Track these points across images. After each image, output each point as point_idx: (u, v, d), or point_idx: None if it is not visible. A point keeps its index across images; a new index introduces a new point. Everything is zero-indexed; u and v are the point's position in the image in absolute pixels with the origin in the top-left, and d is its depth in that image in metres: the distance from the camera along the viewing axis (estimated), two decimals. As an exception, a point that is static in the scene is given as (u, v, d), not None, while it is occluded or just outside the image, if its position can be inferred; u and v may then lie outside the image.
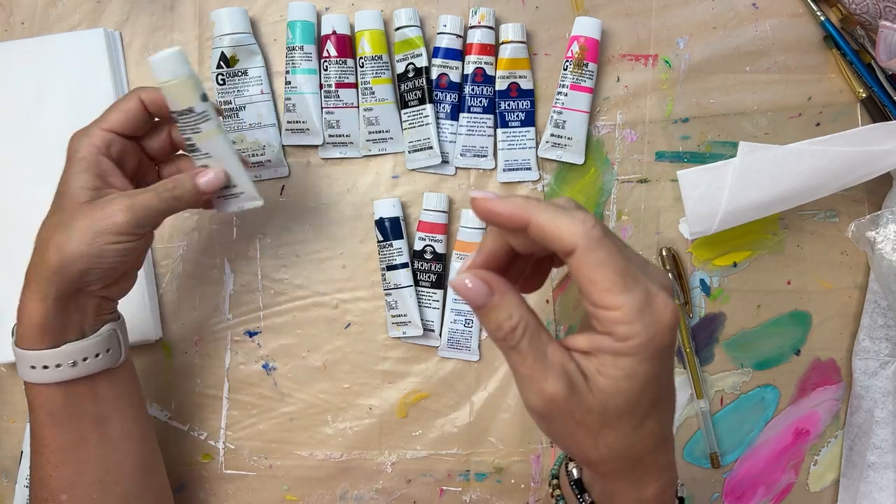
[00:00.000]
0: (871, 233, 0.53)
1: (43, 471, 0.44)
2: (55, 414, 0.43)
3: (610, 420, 0.30)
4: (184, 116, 0.43)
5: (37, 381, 0.42)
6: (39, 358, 0.42)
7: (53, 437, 0.43)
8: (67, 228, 0.41)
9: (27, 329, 0.42)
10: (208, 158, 0.44)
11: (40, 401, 0.43)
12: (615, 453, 0.31)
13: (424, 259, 0.56)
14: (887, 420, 0.54)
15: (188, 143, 0.44)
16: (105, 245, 0.41)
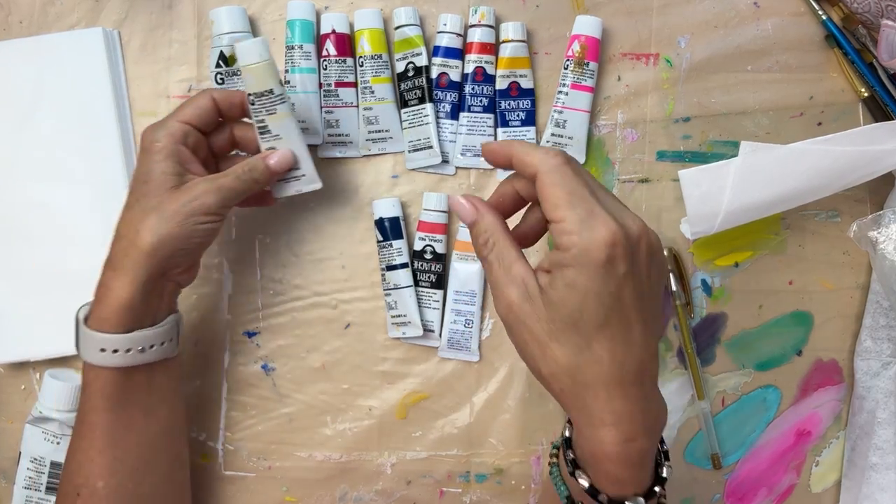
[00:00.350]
0: (873, 233, 0.53)
1: (84, 455, 0.44)
2: (110, 398, 0.44)
3: (555, 332, 0.34)
4: (262, 98, 0.47)
5: (102, 364, 0.43)
6: (113, 341, 0.43)
7: (103, 422, 0.44)
8: (159, 212, 0.43)
9: (109, 311, 0.43)
10: (277, 140, 0.48)
11: (99, 384, 0.44)
12: (561, 369, 0.34)
13: (424, 259, 0.56)
14: (889, 421, 0.54)
15: (260, 124, 0.48)
16: (195, 226, 0.44)
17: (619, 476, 0.35)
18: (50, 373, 0.55)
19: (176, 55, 0.57)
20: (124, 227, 0.44)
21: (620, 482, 0.36)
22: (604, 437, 0.34)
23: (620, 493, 0.36)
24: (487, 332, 0.57)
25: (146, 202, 0.44)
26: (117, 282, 0.43)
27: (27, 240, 0.56)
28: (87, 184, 0.56)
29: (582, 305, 0.33)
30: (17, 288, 0.56)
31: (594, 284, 0.33)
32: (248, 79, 0.47)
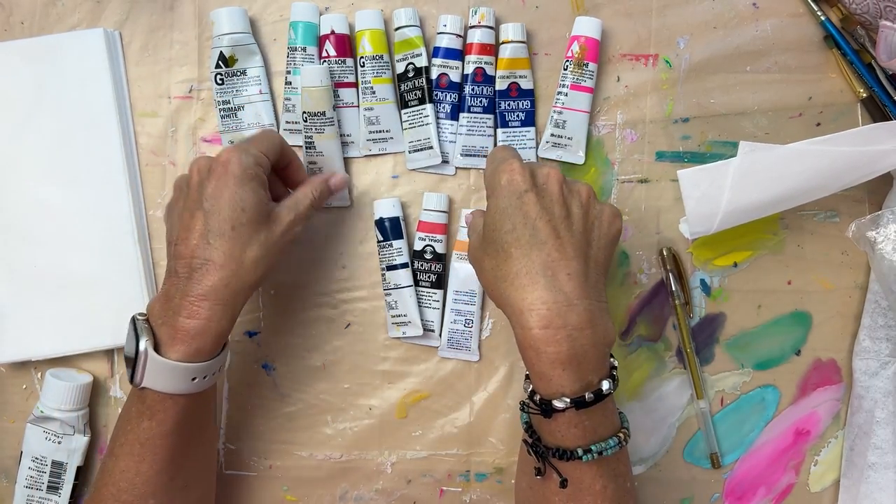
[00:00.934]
0: (871, 233, 0.53)
1: (140, 476, 0.43)
2: (181, 422, 0.44)
3: (485, 247, 0.43)
4: (314, 118, 0.53)
5: (187, 392, 0.43)
6: (204, 369, 0.43)
7: (170, 445, 0.44)
8: (261, 244, 0.44)
9: (209, 342, 0.42)
10: (320, 157, 0.54)
11: (175, 410, 0.43)
12: (488, 273, 0.43)
13: (424, 259, 0.56)
14: (888, 420, 0.54)
15: (308, 140, 0.54)
16: (283, 255, 0.47)
17: (542, 371, 0.39)
18: (51, 372, 0.55)
19: (177, 56, 0.58)
20: (221, 256, 0.43)
21: (546, 378, 0.39)
22: (523, 322, 0.40)
23: (548, 392, 0.40)
24: (487, 331, 0.57)
25: (244, 232, 0.43)
26: (220, 316, 0.42)
27: (28, 240, 0.56)
28: (88, 184, 0.56)
29: (495, 220, 0.42)
30: (18, 288, 0.56)
31: (501, 202, 0.42)
32: (305, 99, 0.52)
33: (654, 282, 0.57)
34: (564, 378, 0.39)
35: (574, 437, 0.40)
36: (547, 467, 0.41)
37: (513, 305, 0.40)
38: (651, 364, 0.57)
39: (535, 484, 0.43)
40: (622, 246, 0.57)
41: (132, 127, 0.58)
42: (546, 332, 0.39)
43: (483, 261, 0.43)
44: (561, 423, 0.40)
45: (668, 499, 0.57)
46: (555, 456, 0.40)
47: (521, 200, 0.41)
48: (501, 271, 0.41)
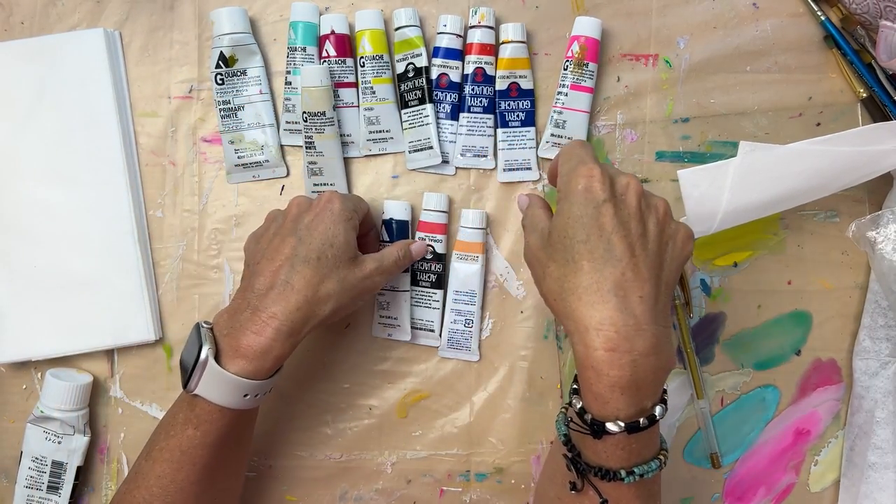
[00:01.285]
0: (871, 233, 0.53)
1: (176, 485, 0.44)
2: (225, 436, 0.44)
3: (552, 253, 0.41)
4: (315, 118, 0.53)
5: (238, 407, 0.43)
6: (259, 387, 0.44)
7: (210, 457, 0.44)
8: (341, 281, 0.46)
9: (271, 361, 0.43)
10: (320, 157, 0.54)
11: (223, 423, 0.44)
12: (553, 281, 0.40)
13: (425, 259, 0.56)
14: (888, 420, 0.54)
15: (308, 139, 0.54)
16: (361, 300, 0.49)
17: (599, 392, 0.37)
18: (51, 372, 0.55)
19: (177, 56, 0.58)
20: (302, 282, 0.44)
21: (602, 400, 0.38)
22: (587, 341, 0.37)
23: (602, 413, 0.38)
24: (487, 331, 0.57)
25: (328, 264, 0.45)
26: (286, 338, 0.43)
27: (28, 240, 0.56)
28: (87, 184, 0.56)
29: (567, 226, 0.40)
30: (18, 288, 0.56)
31: (576, 209, 0.40)
32: (305, 99, 0.53)
33: (654, 282, 0.57)
34: (622, 402, 0.37)
35: (619, 458, 0.39)
36: (585, 484, 0.40)
37: (578, 321, 0.38)
38: (651, 364, 0.57)
39: (566, 497, 0.42)
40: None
41: (132, 127, 0.58)
42: (612, 355, 0.37)
43: (548, 266, 0.41)
44: (608, 445, 0.39)
45: (668, 499, 0.57)
46: (596, 475, 0.39)
47: (599, 211, 0.39)
48: (570, 283, 0.39)
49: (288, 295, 0.44)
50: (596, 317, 0.37)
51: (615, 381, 0.37)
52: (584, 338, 0.38)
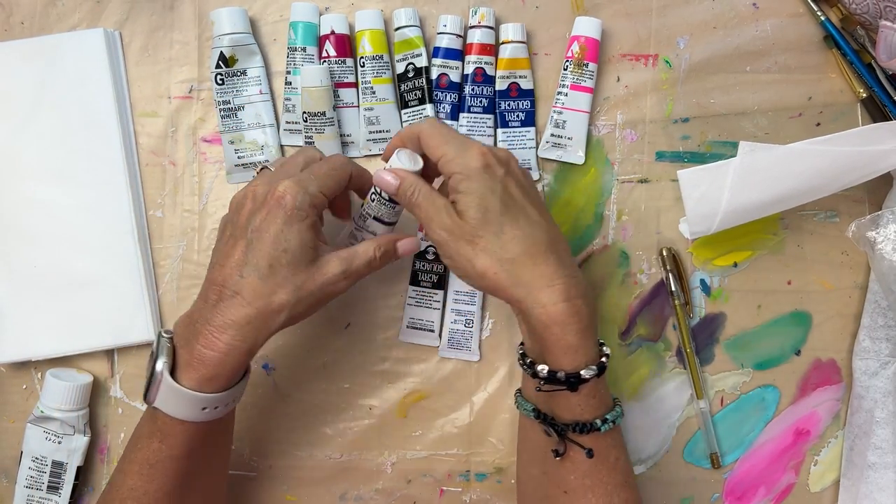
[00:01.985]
0: (871, 233, 0.53)
1: (150, 497, 0.43)
2: (192, 447, 0.43)
3: (476, 230, 0.42)
4: (315, 118, 0.53)
5: (197, 420, 0.42)
6: (216, 400, 0.42)
7: (180, 468, 0.43)
8: (296, 290, 0.42)
9: (223, 375, 0.41)
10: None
11: (186, 436, 0.42)
12: (492, 255, 0.42)
13: (426, 259, 0.56)
14: (888, 420, 0.54)
15: (308, 140, 0.54)
16: (321, 305, 0.45)
17: (569, 342, 0.41)
18: (51, 372, 0.55)
19: (177, 56, 0.58)
20: (251, 293, 0.41)
21: (573, 350, 0.41)
22: (545, 299, 0.41)
23: (574, 364, 0.41)
24: (487, 331, 0.57)
25: (281, 273, 0.41)
26: (236, 348, 0.41)
27: (28, 240, 0.56)
28: (88, 184, 0.56)
29: (481, 202, 0.42)
30: (18, 288, 0.56)
31: (482, 184, 0.42)
32: (305, 99, 0.53)
33: (654, 282, 0.57)
34: (588, 346, 0.41)
35: (592, 408, 0.42)
36: (567, 445, 0.42)
37: (528, 284, 0.41)
38: (651, 364, 0.57)
39: (550, 468, 0.44)
40: (622, 246, 0.57)
41: (132, 127, 0.58)
42: (567, 304, 0.41)
43: (476, 244, 0.42)
44: (582, 396, 0.42)
45: (668, 499, 0.57)
46: (574, 431, 0.42)
47: (504, 185, 0.43)
48: (507, 253, 0.42)
49: (238, 308, 0.41)
50: (546, 274, 0.41)
51: (578, 328, 0.41)
52: (539, 298, 0.41)
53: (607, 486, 0.42)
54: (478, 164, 0.43)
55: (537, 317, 0.41)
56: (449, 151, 0.43)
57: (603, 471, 0.42)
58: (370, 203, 0.48)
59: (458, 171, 0.43)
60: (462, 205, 0.43)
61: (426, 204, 0.44)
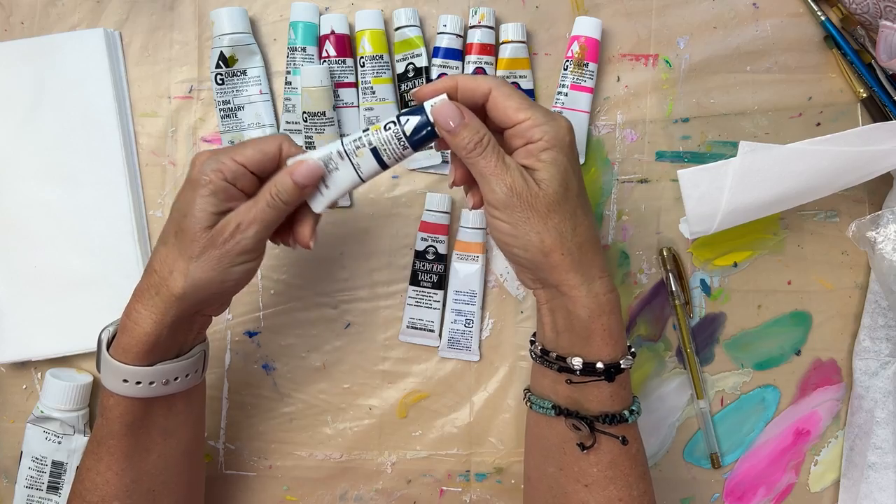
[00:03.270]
0: (871, 233, 0.53)
1: (101, 477, 0.44)
2: (131, 425, 0.43)
3: (552, 204, 0.40)
4: (315, 118, 0.53)
5: (123, 394, 0.42)
6: (136, 374, 0.42)
7: (123, 447, 0.43)
8: (195, 256, 0.40)
9: (134, 344, 0.41)
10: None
11: (120, 411, 0.43)
12: (562, 236, 0.40)
13: (427, 259, 0.56)
14: (888, 420, 0.54)
15: (308, 140, 0.54)
16: (231, 267, 0.41)
17: (614, 332, 0.41)
18: (51, 372, 0.55)
19: (177, 56, 0.58)
20: (158, 262, 0.41)
21: (614, 339, 0.41)
22: (598, 288, 0.41)
23: (614, 354, 0.41)
24: (487, 331, 0.57)
25: (181, 240, 0.41)
26: (145, 317, 0.41)
27: (28, 240, 0.56)
28: (88, 184, 0.56)
29: (565, 178, 0.40)
30: (18, 288, 0.56)
31: (569, 161, 0.40)
32: (305, 99, 0.52)
33: (654, 282, 0.57)
34: (624, 337, 0.42)
35: (622, 398, 0.42)
36: (597, 438, 0.42)
37: (587, 273, 0.41)
38: (651, 364, 0.57)
39: (568, 463, 0.43)
40: (622, 246, 0.57)
41: (132, 127, 0.58)
42: (615, 294, 0.42)
43: (549, 217, 0.40)
44: (616, 386, 0.42)
45: (668, 499, 0.57)
46: (604, 422, 0.42)
47: (577, 164, 0.42)
48: (578, 235, 0.40)
49: (147, 276, 0.42)
50: (600, 265, 0.41)
51: (620, 318, 0.42)
52: (593, 286, 0.41)
53: (628, 478, 0.42)
54: (568, 138, 0.40)
55: (587, 305, 0.41)
56: (536, 116, 0.40)
57: (626, 462, 0.42)
58: (379, 132, 0.41)
59: (546, 139, 0.39)
60: (544, 174, 0.40)
61: (496, 158, 0.40)
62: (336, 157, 0.42)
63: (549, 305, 0.43)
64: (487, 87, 0.41)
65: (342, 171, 0.42)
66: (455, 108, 0.40)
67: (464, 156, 0.41)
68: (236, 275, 0.42)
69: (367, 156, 0.42)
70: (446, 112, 0.40)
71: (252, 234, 0.41)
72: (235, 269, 0.41)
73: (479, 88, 0.41)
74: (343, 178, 0.42)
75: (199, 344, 0.46)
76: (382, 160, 0.42)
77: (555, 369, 0.43)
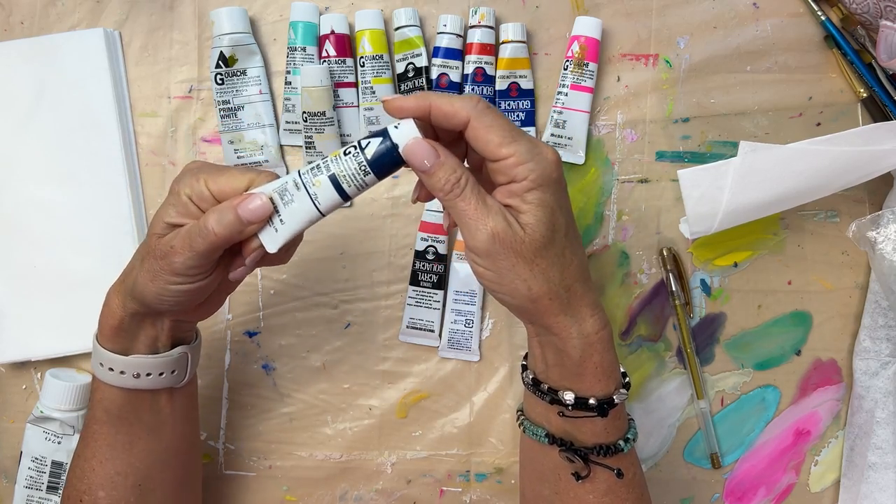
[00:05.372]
0: (871, 233, 0.53)
1: (87, 463, 0.44)
2: (111, 413, 0.44)
3: (539, 249, 0.37)
4: (315, 118, 0.53)
5: (101, 379, 0.43)
6: (108, 359, 0.43)
7: (105, 434, 0.44)
8: (142, 260, 0.40)
9: (104, 325, 0.43)
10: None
11: (100, 396, 0.44)
12: (549, 281, 0.37)
13: (427, 259, 0.56)
14: (888, 420, 0.54)
15: (308, 140, 0.54)
16: (166, 285, 0.39)
17: (605, 369, 0.40)
18: (51, 372, 0.55)
19: (177, 56, 0.58)
20: (135, 254, 0.42)
21: (607, 376, 0.40)
22: (589, 328, 0.39)
23: (607, 389, 0.40)
24: (487, 331, 0.57)
25: (144, 244, 0.41)
26: (112, 299, 0.42)
27: (28, 240, 0.56)
28: (87, 184, 0.56)
29: (553, 220, 0.37)
30: (18, 288, 0.56)
31: (557, 199, 0.37)
32: (305, 99, 0.52)
33: (654, 282, 0.57)
34: (618, 371, 0.41)
35: (616, 429, 0.41)
36: (592, 468, 0.41)
37: (576, 312, 0.39)
38: (651, 364, 0.57)
39: (564, 489, 0.42)
40: (622, 246, 0.57)
41: (132, 127, 0.58)
42: (606, 331, 0.40)
43: (535, 263, 0.37)
44: (610, 419, 0.40)
45: (668, 499, 0.57)
46: (599, 454, 0.40)
47: (567, 199, 0.39)
48: (566, 278, 0.38)
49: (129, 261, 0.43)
50: (591, 303, 0.39)
51: (613, 355, 0.40)
52: (584, 327, 0.39)
53: (626, 503, 0.42)
54: (555, 174, 0.37)
55: (577, 346, 0.39)
56: (520, 152, 0.36)
57: (622, 489, 0.41)
58: (338, 158, 0.37)
59: (532, 178, 0.36)
60: (530, 217, 0.36)
61: (475, 200, 0.36)
62: (292, 188, 0.38)
63: (538, 339, 0.41)
64: (466, 116, 0.36)
65: (297, 204, 0.38)
66: (428, 147, 0.36)
67: (441, 197, 0.37)
68: (172, 292, 0.39)
69: (326, 184, 0.37)
70: (419, 152, 0.36)
71: (182, 259, 0.38)
72: (171, 288, 0.39)
73: (457, 116, 0.36)
74: (299, 210, 0.38)
75: (181, 346, 0.44)
76: (343, 189, 0.37)
77: (546, 401, 0.41)
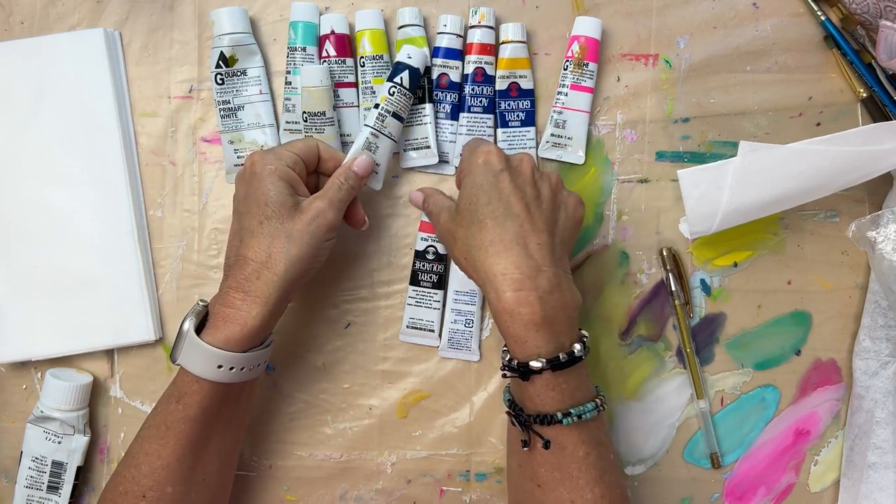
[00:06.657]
0: (871, 233, 0.53)
1: (161, 460, 0.45)
2: (206, 410, 0.45)
3: (459, 220, 0.46)
4: (315, 118, 0.53)
5: (213, 379, 0.44)
6: (232, 359, 0.44)
7: (193, 432, 0.45)
8: (288, 235, 0.45)
9: (237, 332, 0.44)
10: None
11: (200, 396, 0.45)
12: (462, 242, 0.45)
13: (427, 259, 0.56)
14: (888, 420, 0.54)
15: None
16: (322, 243, 0.47)
17: (516, 333, 0.42)
18: (51, 372, 0.55)
19: (177, 56, 0.58)
20: (251, 251, 0.45)
21: (521, 341, 0.42)
22: (497, 286, 0.42)
23: (524, 354, 0.42)
24: (487, 331, 0.57)
25: (270, 225, 0.45)
26: (249, 306, 0.44)
27: (28, 240, 0.56)
28: (88, 184, 0.56)
29: (471, 195, 0.45)
30: (19, 288, 0.56)
31: (478, 179, 0.45)
32: (306, 99, 0.53)
33: (654, 282, 0.57)
34: (539, 339, 0.42)
35: (553, 400, 0.42)
36: (531, 436, 0.43)
37: (486, 272, 0.43)
38: (651, 364, 0.57)
39: (524, 460, 0.45)
40: (622, 246, 0.57)
41: (132, 127, 0.58)
42: (519, 294, 0.41)
43: (456, 232, 0.46)
44: (539, 387, 0.42)
45: (668, 499, 0.57)
46: (536, 421, 0.43)
47: (497, 178, 0.45)
48: (476, 240, 0.44)
49: (244, 267, 0.45)
50: (501, 264, 0.42)
51: (528, 319, 0.41)
52: (493, 284, 0.42)
53: (579, 481, 0.42)
54: (478, 160, 0.45)
55: (491, 304, 0.43)
56: (465, 154, 0.48)
57: (573, 465, 0.42)
58: (390, 98, 0.51)
59: (463, 168, 0.47)
60: (459, 200, 0.46)
61: (432, 204, 0.50)
62: (373, 139, 0.51)
63: None
64: None
65: (382, 147, 0.52)
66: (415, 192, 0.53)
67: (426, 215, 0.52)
68: (326, 250, 0.48)
69: (392, 121, 0.52)
70: (414, 199, 0.53)
71: (333, 213, 0.47)
72: (325, 245, 0.47)
73: None
74: (384, 150, 0.52)
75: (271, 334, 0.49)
76: (401, 117, 0.52)
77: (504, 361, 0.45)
